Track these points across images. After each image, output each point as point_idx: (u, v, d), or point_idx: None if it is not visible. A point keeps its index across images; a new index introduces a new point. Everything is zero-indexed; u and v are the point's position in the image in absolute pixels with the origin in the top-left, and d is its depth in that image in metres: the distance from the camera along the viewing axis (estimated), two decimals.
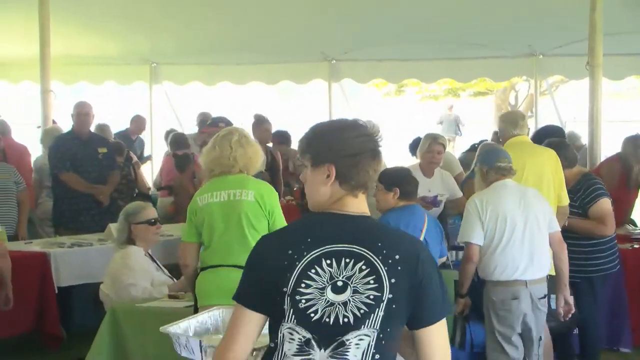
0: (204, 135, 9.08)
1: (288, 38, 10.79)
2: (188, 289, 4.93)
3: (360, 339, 2.18)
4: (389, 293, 2.19)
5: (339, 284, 2.19)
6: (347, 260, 2.20)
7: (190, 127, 12.01)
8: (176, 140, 9.92)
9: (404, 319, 2.22)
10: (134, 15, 10.01)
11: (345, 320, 2.18)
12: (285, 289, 2.20)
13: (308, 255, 2.21)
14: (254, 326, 2.26)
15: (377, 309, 2.18)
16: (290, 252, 2.22)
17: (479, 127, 14.05)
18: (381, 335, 2.19)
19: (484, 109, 23.60)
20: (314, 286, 2.20)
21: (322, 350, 2.18)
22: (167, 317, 4.60)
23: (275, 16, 9.89)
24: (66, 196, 7.54)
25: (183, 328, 3.11)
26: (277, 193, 4.51)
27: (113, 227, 6.93)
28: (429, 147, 6.73)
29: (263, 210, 4.37)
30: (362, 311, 2.18)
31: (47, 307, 6.38)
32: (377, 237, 2.24)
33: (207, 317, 3.25)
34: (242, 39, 10.96)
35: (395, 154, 8.95)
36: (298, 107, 21.38)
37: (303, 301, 2.19)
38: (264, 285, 2.23)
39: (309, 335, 2.19)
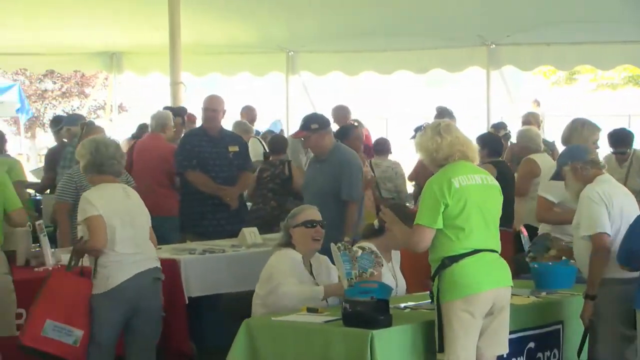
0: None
1: (440, 20, 10.73)
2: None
3: None
4: None
5: None
6: None
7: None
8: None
9: None
10: None
11: None
12: None
13: None
14: None
15: None
16: None
17: None
18: None
19: None
20: None
21: None
22: (306, 332, 4.72)
23: None
24: (192, 197, 7.71)
25: None
26: None
27: (247, 232, 7.11)
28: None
29: None
30: None
31: (176, 320, 6.50)
32: None
33: None
34: (388, 23, 10.98)
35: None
36: (451, 98, 21.18)
37: None
38: None
39: None
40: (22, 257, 6.30)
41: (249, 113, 11.37)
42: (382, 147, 9.87)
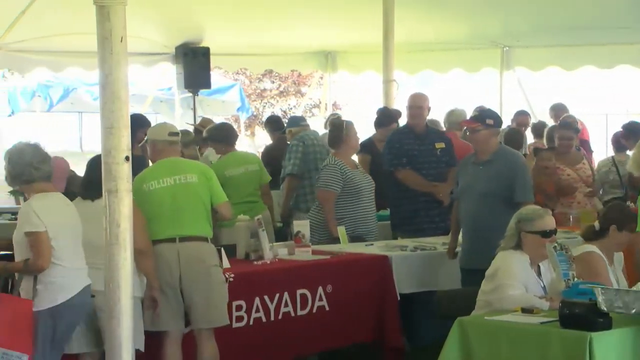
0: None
1: None
2: None
3: None
4: None
5: None
6: None
7: (544, 119, 11.87)
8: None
9: None
10: None
11: None
12: None
13: None
14: None
15: None
16: None
17: None
18: None
19: None
20: None
21: None
22: (522, 333, 4.65)
23: None
24: (403, 195, 7.74)
25: None
26: None
27: None
28: None
29: None
30: None
31: (388, 316, 6.62)
32: None
33: None
34: (610, 15, 10.57)
35: None
36: None
37: None
38: None
39: None
40: (242, 250, 6.56)
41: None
42: (620, 143, 9.10)
